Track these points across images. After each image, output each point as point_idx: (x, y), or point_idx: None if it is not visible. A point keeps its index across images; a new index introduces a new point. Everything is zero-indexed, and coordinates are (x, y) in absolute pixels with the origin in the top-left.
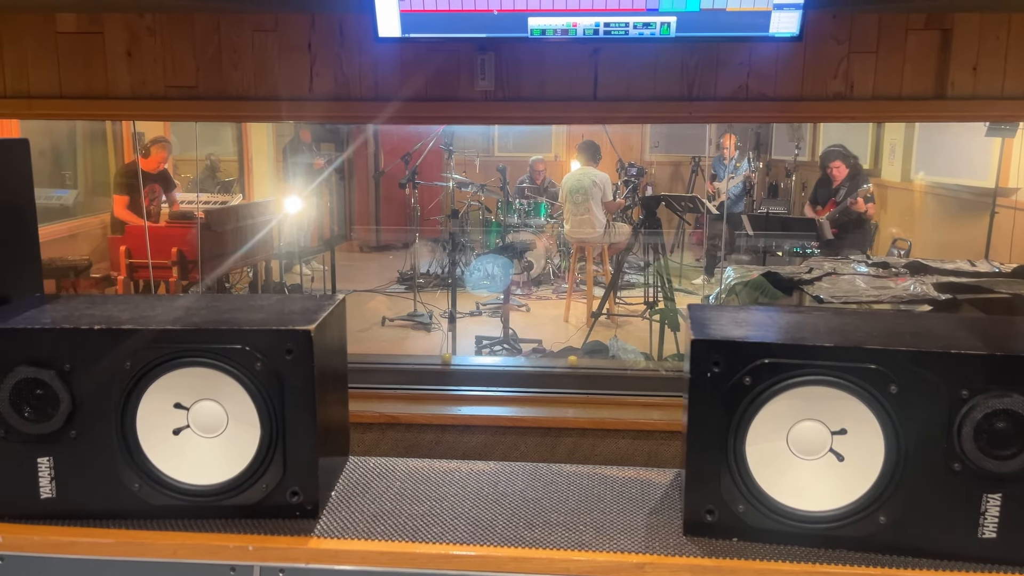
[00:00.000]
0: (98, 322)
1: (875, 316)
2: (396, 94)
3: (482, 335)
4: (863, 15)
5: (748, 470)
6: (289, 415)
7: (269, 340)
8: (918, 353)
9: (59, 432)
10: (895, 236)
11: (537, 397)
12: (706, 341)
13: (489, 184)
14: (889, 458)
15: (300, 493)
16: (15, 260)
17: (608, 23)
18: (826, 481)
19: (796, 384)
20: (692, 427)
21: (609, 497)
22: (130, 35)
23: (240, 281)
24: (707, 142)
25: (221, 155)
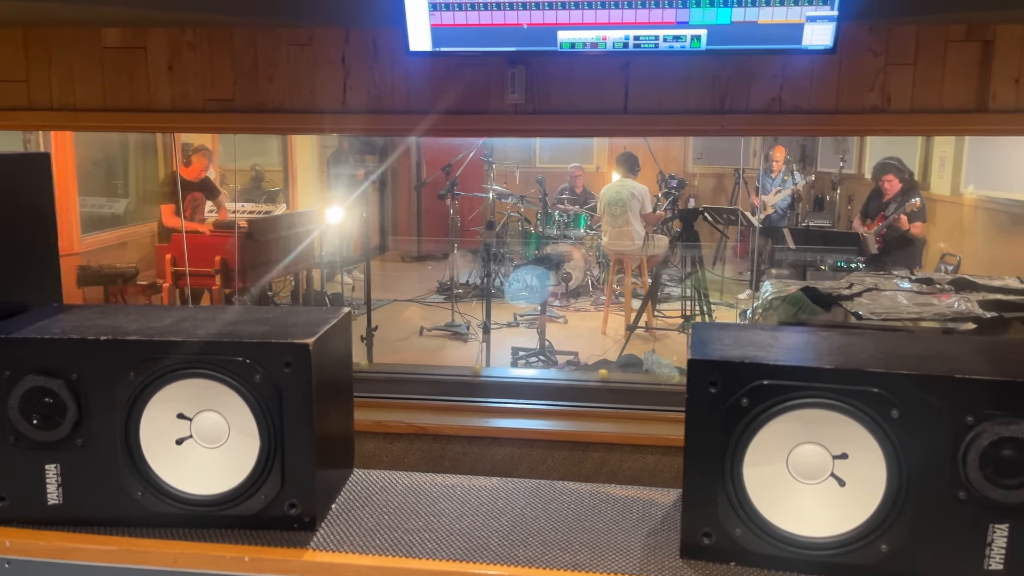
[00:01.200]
0: (105, 332)
1: (882, 337)
2: (428, 107)
3: (518, 346)
4: (900, 26)
5: (746, 493)
6: (288, 427)
7: (269, 353)
8: (921, 376)
9: (66, 440)
10: (943, 251)
11: (566, 410)
12: (703, 361)
13: (529, 195)
14: (891, 485)
15: (298, 505)
16: (35, 270)
17: (638, 36)
18: (826, 506)
19: (794, 406)
20: (689, 448)
21: (608, 516)
22: (171, 50)
23: (283, 290)
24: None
25: (267, 165)
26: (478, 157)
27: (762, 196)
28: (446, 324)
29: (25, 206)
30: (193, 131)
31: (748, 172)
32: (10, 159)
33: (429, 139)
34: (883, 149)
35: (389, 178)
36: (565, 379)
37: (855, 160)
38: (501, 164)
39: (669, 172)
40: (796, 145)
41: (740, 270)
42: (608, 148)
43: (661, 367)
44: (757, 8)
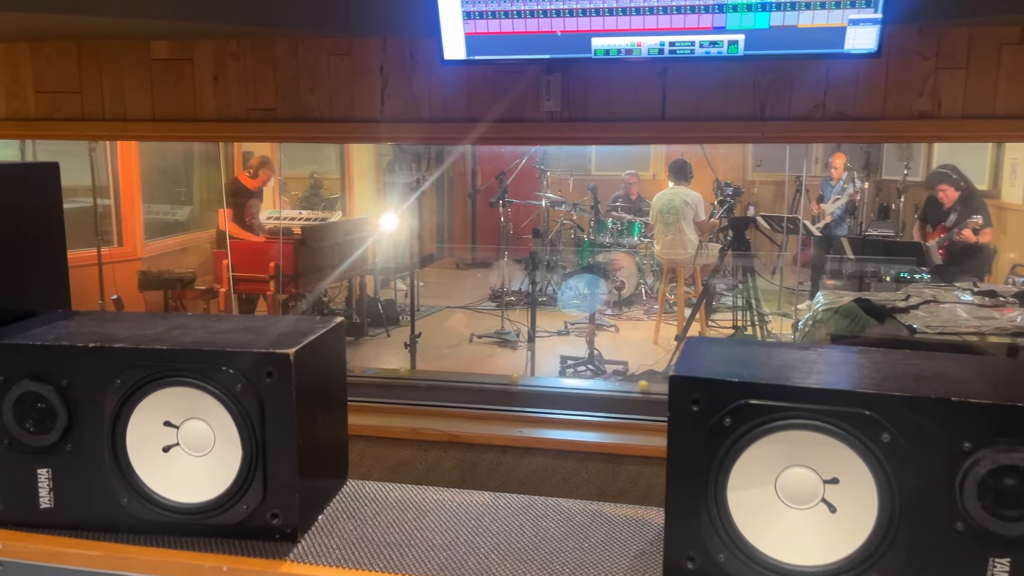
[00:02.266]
0: (94, 339)
1: (882, 356)
2: (463, 116)
3: (567, 355)
4: (951, 29)
5: (730, 516)
6: (270, 437)
7: (250, 362)
8: (914, 399)
9: (56, 445)
10: (1014, 262)
11: (602, 422)
12: (685, 378)
13: (582, 203)
14: (883, 513)
15: (280, 515)
16: (43, 277)
17: (673, 42)
18: (816, 533)
19: (780, 427)
20: (671, 468)
21: (596, 536)
22: (217, 60)
23: (338, 296)
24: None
25: (325, 173)
26: (530, 164)
27: (822, 204)
28: (496, 331)
29: (34, 215)
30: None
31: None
32: (18, 168)
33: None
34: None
35: (445, 186)
36: (603, 390)
37: (921, 167)
38: (554, 171)
39: (726, 180)
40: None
41: (801, 280)
42: (664, 155)
43: None
44: (797, 12)
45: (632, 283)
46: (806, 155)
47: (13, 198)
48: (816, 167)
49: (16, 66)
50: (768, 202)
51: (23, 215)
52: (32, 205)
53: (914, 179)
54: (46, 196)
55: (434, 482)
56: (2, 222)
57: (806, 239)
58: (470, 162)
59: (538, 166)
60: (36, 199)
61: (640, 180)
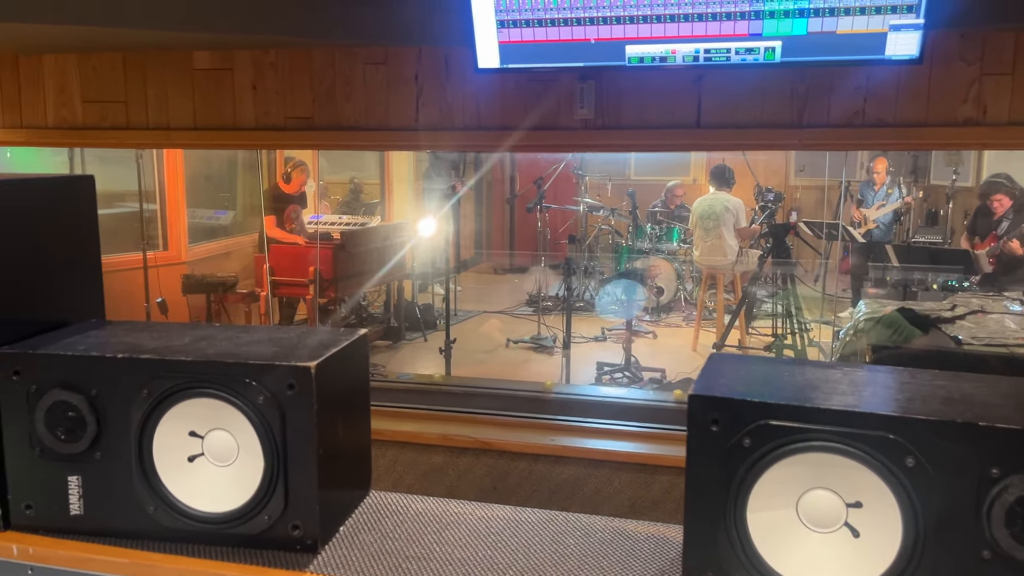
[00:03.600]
0: (123, 350)
1: (910, 377)
2: (497, 123)
3: (603, 361)
4: (996, 34)
5: (749, 538)
6: (291, 449)
7: (272, 374)
8: (940, 423)
9: (86, 453)
10: None
11: (635, 431)
12: (704, 397)
13: (620, 208)
14: (907, 539)
15: (301, 527)
16: (78, 287)
17: (708, 50)
18: (837, 558)
19: (800, 449)
20: (690, 489)
21: (616, 554)
22: (255, 70)
23: (378, 300)
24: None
25: (365, 178)
26: (568, 170)
27: (863, 209)
28: (532, 337)
29: (69, 226)
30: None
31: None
32: (55, 182)
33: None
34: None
35: (483, 191)
36: (637, 399)
37: (972, 173)
38: (592, 177)
39: (767, 185)
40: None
41: (844, 287)
42: (705, 160)
43: None
44: (836, 18)
45: (671, 289)
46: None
47: (50, 211)
48: (860, 172)
49: (64, 76)
50: (811, 207)
51: (59, 227)
52: (68, 217)
53: (963, 184)
54: (81, 208)
55: (465, 489)
56: (39, 234)
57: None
58: (508, 167)
59: (576, 171)
60: (72, 212)
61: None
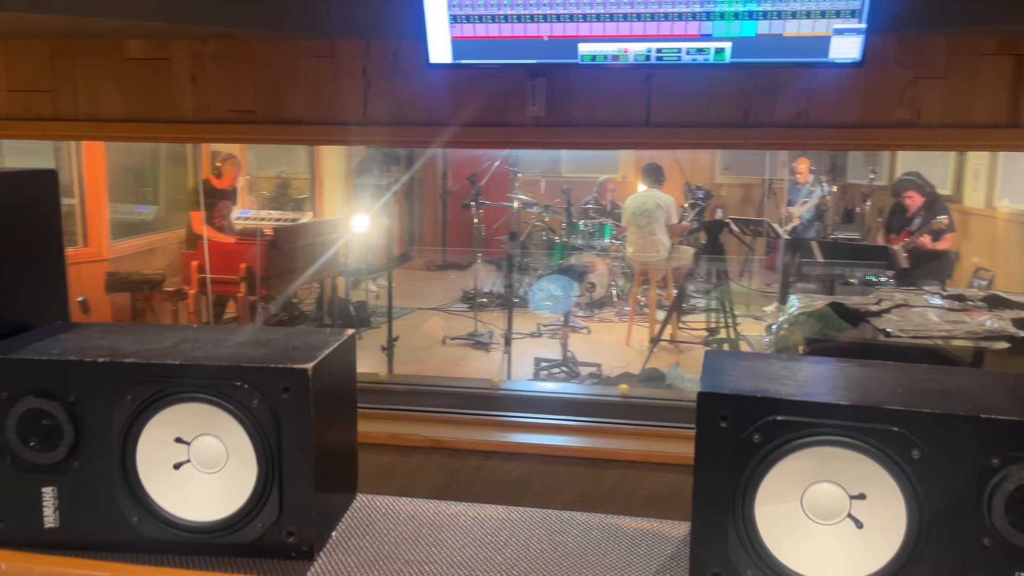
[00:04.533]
0: (103, 354)
1: (902, 371)
2: (448, 119)
3: (541, 357)
4: (930, 39)
5: (757, 533)
6: (286, 454)
7: (267, 378)
8: (943, 416)
9: (63, 463)
10: (977, 266)
11: (585, 426)
12: (713, 394)
13: (554, 205)
14: (911, 528)
15: (296, 533)
16: (41, 287)
17: (660, 49)
18: (843, 549)
19: (809, 444)
20: (698, 485)
21: (616, 552)
22: (194, 61)
23: (308, 297)
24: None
25: (294, 173)
26: (503, 167)
27: (790, 207)
28: (469, 333)
29: (31, 223)
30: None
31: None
32: (17, 176)
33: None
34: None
35: (415, 187)
36: (585, 394)
37: (886, 172)
38: (526, 173)
39: (695, 183)
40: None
41: (768, 282)
42: (634, 158)
43: (684, 382)
44: (783, 21)
45: (603, 285)
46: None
47: (9, 206)
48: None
49: None
50: (736, 205)
51: (19, 223)
52: (29, 213)
53: (879, 184)
54: (43, 204)
55: (417, 488)
56: None
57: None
58: (441, 163)
59: (511, 168)
60: (33, 207)
61: (617, 186)
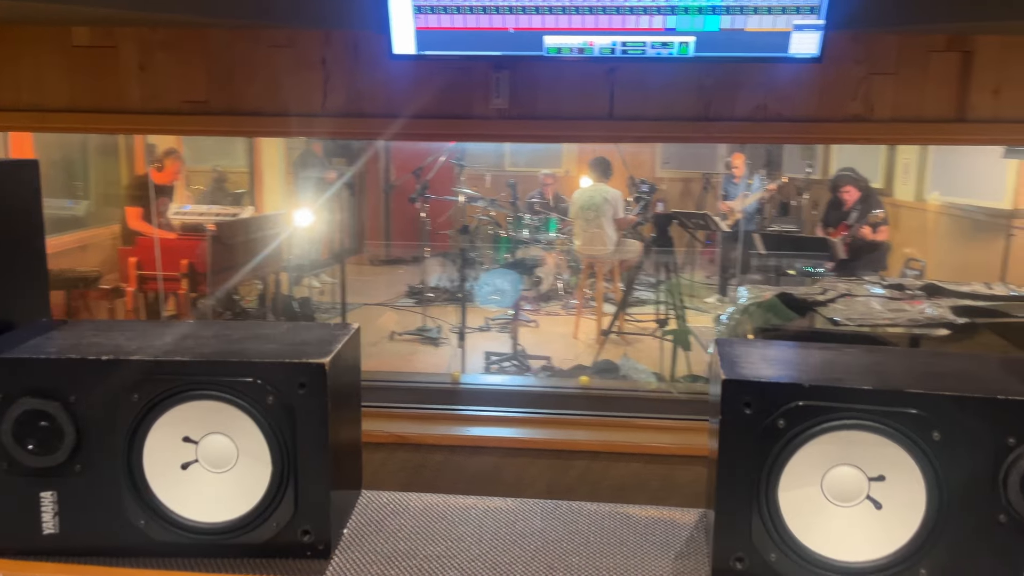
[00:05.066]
0: (106, 352)
1: (911, 355)
2: (410, 111)
3: (491, 351)
4: (883, 36)
5: (780, 517)
6: (301, 451)
7: (282, 373)
8: (962, 398)
9: (63, 466)
10: (908, 256)
11: (549, 418)
12: (737, 381)
13: (499, 199)
14: (931, 507)
15: (312, 532)
16: (22, 284)
17: (625, 43)
18: (863, 530)
19: (833, 428)
20: (722, 470)
21: (632, 540)
22: (143, 49)
23: (249, 294)
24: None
25: (232, 167)
26: (448, 160)
27: (728, 202)
28: (417, 328)
29: (11, 216)
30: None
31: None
32: None
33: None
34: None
35: (357, 181)
36: (547, 386)
37: (820, 166)
38: (471, 167)
39: (639, 177)
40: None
41: (708, 274)
42: (577, 152)
43: (638, 372)
44: (745, 16)
45: (549, 279)
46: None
47: None
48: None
49: None
50: (676, 199)
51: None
52: (8, 206)
53: (814, 178)
54: (23, 197)
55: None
56: None
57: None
58: (383, 157)
59: (456, 162)
60: (12, 200)
61: (556, 180)
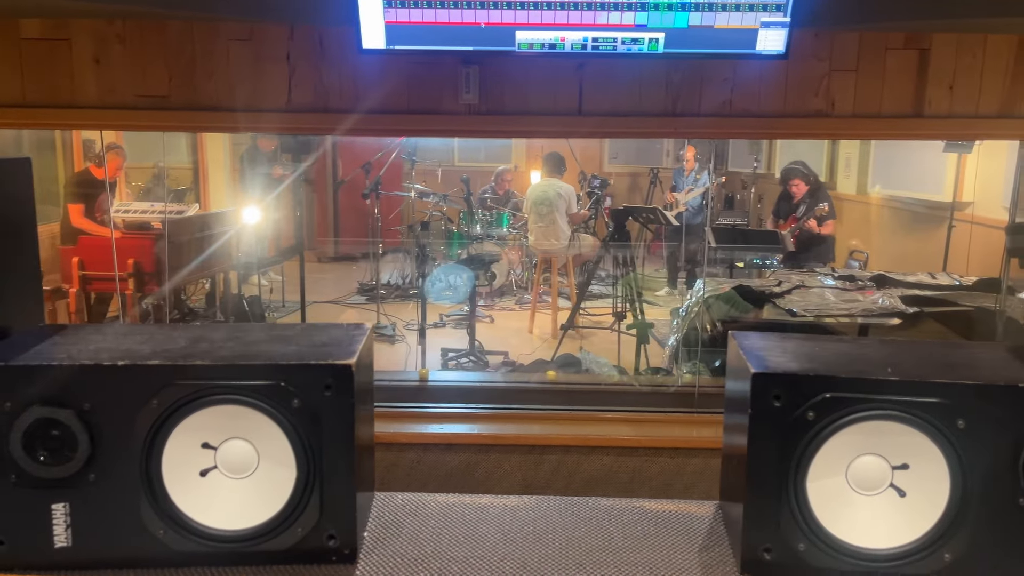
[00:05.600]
0: (120, 357)
1: (923, 347)
2: (378, 106)
3: (447, 347)
4: (844, 33)
5: (809, 507)
6: (327, 454)
7: (307, 375)
8: (984, 387)
9: (77, 476)
10: (852, 247)
11: (520, 414)
12: (768, 374)
13: (451, 194)
14: (955, 494)
15: (337, 536)
16: (16, 289)
17: (596, 38)
18: (887, 517)
19: (861, 419)
20: (752, 462)
21: (654, 534)
22: (98, 42)
23: (196, 292)
24: (664, 154)
25: (175, 163)
26: (399, 156)
27: (675, 194)
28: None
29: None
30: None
31: (662, 171)
32: None
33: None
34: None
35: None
36: (517, 382)
37: (765, 160)
38: (422, 162)
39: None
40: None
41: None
42: (526, 147)
43: (600, 366)
44: (714, 13)
45: (503, 274)
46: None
47: None
48: (667, 160)
49: None
50: (624, 193)
51: None
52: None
53: (760, 172)
54: (16, 197)
55: None
56: None
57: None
58: (330, 153)
59: (408, 157)
60: (4, 200)
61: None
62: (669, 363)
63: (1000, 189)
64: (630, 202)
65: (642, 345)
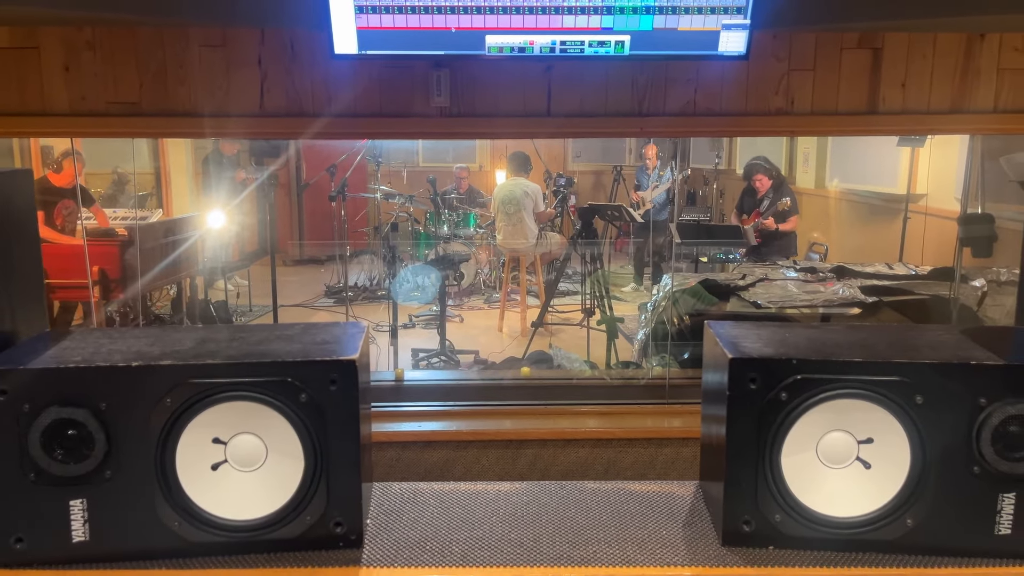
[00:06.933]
0: (133, 358)
1: (890, 331)
2: (350, 110)
3: (417, 347)
4: (801, 34)
5: (784, 481)
6: (333, 446)
7: (313, 371)
8: (941, 365)
9: (94, 473)
10: (812, 240)
11: (496, 410)
12: (744, 359)
13: (417, 195)
14: (915, 464)
15: (343, 523)
16: (22, 295)
17: (564, 41)
18: (855, 488)
19: (829, 398)
20: (731, 441)
21: (640, 512)
22: (68, 50)
23: (161, 299)
24: (627, 152)
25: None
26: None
27: (640, 192)
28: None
29: (6, 226)
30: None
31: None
32: None
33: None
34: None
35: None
36: (492, 379)
37: (726, 157)
38: (387, 164)
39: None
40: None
41: (621, 263)
42: (491, 147)
43: (572, 362)
44: (677, 16)
45: (471, 273)
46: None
47: None
48: (630, 157)
49: None
50: (588, 192)
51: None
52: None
53: (722, 168)
54: (18, 206)
55: None
56: None
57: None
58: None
59: (373, 159)
60: (8, 209)
61: (471, 173)
62: (639, 357)
63: (952, 181)
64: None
65: (612, 340)
